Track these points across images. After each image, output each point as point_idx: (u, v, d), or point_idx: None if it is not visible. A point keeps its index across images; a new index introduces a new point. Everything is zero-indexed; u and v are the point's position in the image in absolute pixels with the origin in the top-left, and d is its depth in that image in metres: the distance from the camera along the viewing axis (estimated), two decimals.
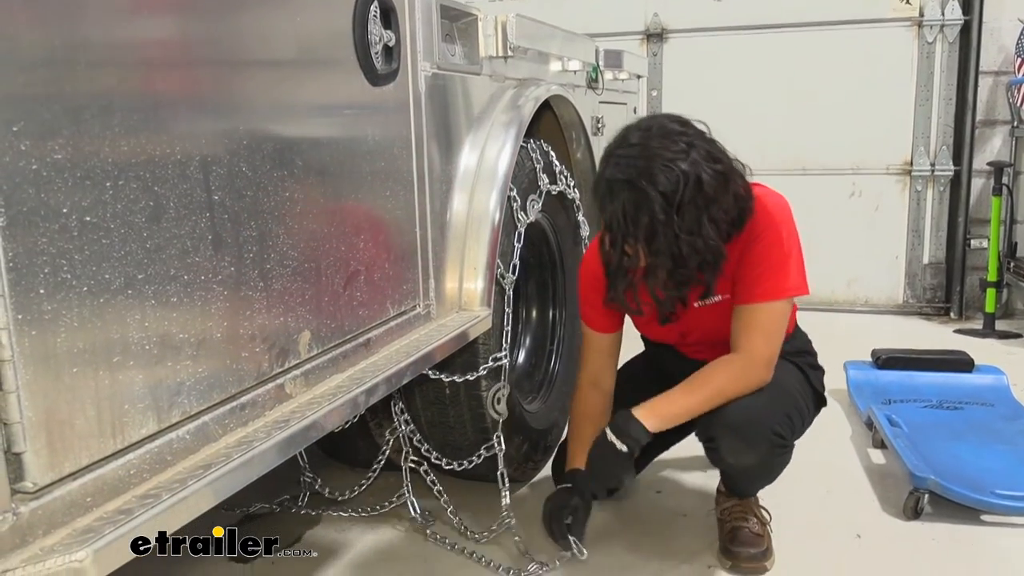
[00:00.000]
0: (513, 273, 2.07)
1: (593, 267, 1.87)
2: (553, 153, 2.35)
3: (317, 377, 1.40)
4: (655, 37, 4.51)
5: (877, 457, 2.46)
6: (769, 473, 1.85)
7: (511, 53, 2.06)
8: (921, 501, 2.05)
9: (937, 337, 3.84)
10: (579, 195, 2.50)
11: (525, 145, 2.15)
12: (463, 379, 1.93)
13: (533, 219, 2.19)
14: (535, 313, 2.57)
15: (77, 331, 0.93)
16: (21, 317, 0.86)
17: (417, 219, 1.75)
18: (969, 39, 4.06)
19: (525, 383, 2.43)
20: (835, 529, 2.02)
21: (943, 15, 4.09)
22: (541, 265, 2.54)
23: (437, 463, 2.08)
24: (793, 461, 1.82)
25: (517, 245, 2.08)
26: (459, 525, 2.02)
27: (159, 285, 1.05)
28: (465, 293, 1.90)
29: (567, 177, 2.41)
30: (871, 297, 4.42)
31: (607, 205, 1.58)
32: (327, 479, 2.19)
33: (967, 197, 4.19)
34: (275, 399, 1.29)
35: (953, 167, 4.19)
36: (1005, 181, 3.97)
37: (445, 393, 1.97)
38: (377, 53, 1.55)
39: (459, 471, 2.04)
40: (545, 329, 2.57)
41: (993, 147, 4.20)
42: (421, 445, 2.08)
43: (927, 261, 4.31)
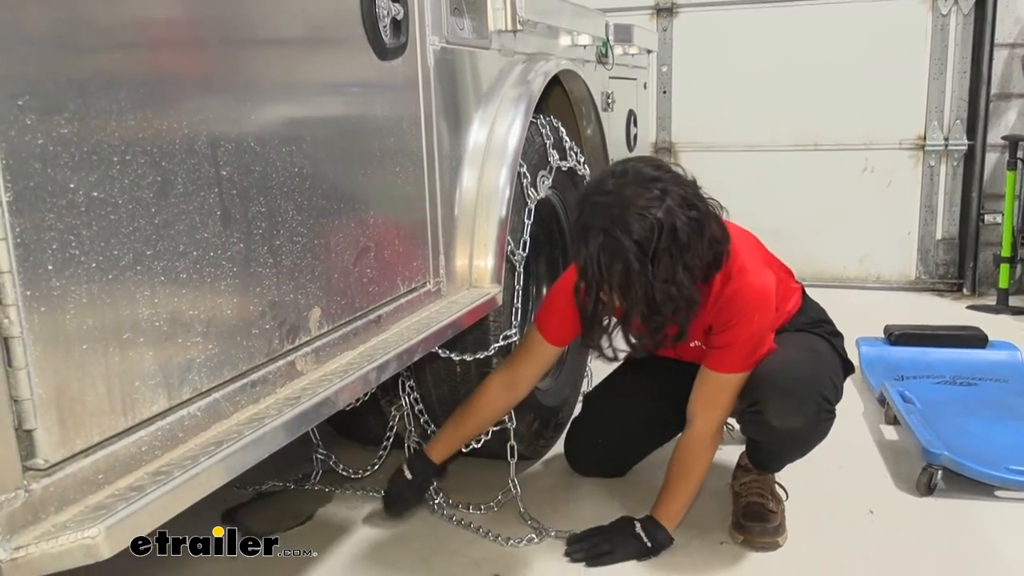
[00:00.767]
0: (523, 250, 2.05)
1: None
2: (563, 129, 2.33)
3: (328, 354, 1.40)
4: (665, 11, 4.45)
5: (890, 433, 2.45)
6: (808, 441, 1.83)
7: (520, 27, 2.03)
8: (934, 477, 2.04)
9: (950, 313, 3.81)
10: (589, 171, 2.48)
11: (535, 121, 2.13)
12: (474, 357, 1.92)
13: (543, 195, 2.18)
14: (545, 290, 2.56)
15: (86, 308, 0.93)
16: (30, 294, 0.86)
17: (427, 195, 1.74)
18: (984, 11, 3.99)
19: None
20: (848, 505, 2.02)
21: None
22: (551, 242, 2.53)
23: None
24: None
25: (527, 222, 2.07)
26: (467, 503, 2.02)
27: (168, 261, 1.04)
28: (475, 270, 1.89)
29: (577, 153, 2.39)
30: (883, 273, 4.38)
31: (581, 251, 1.57)
32: (339, 457, 2.19)
33: (981, 172, 4.14)
34: (286, 376, 1.29)
35: (967, 141, 4.13)
36: (1020, 155, 3.91)
37: (456, 371, 1.97)
38: (385, 26, 1.53)
39: (466, 452, 2.03)
40: None
41: (1008, 121, 4.13)
42: (429, 426, 2.08)
43: (940, 237, 4.27)
